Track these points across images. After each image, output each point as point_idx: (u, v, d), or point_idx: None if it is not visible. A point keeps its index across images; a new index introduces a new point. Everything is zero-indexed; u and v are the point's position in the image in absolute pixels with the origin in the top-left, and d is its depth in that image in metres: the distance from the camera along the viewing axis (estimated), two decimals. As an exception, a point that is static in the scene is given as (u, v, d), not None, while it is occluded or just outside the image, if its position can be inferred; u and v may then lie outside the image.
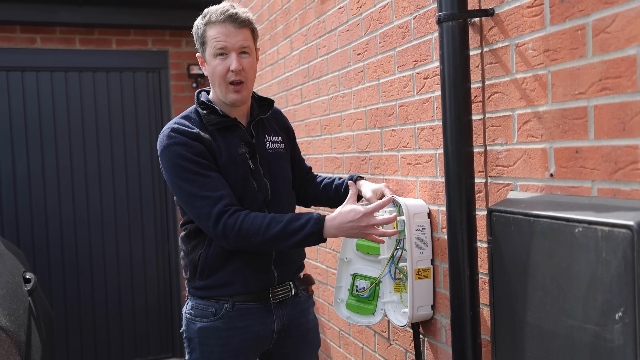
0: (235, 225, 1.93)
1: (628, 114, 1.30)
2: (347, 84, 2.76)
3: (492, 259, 1.65)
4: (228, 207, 1.96)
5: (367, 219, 1.91)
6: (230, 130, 2.12)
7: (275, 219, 1.95)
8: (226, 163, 2.06)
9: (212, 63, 2.07)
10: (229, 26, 2.05)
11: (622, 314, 1.22)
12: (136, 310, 5.22)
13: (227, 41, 2.04)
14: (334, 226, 1.92)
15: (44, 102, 4.94)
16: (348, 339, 2.94)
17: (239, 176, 2.08)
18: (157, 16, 5.04)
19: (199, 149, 2.01)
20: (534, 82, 1.58)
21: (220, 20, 2.05)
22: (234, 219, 1.94)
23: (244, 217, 1.94)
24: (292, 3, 3.42)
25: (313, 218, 1.92)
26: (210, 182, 1.98)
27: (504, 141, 1.72)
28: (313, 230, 1.91)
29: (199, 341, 2.12)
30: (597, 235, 1.28)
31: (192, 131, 2.03)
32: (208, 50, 2.08)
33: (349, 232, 1.93)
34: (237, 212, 1.96)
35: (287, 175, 2.26)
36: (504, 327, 1.62)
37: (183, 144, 2.01)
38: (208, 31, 2.07)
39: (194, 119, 2.10)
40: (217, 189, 1.98)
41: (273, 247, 1.97)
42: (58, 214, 4.98)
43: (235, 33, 2.05)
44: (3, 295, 2.34)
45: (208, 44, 2.07)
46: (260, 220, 1.94)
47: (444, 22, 1.74)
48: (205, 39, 2.08)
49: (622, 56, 1.30)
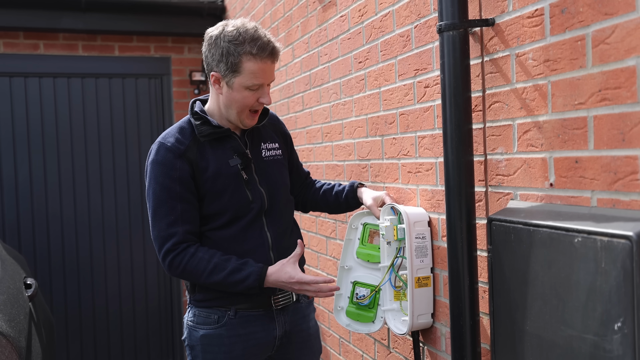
0: (180, 265, 2.02)
1: (627, 125, 1.30)
2: (349, 92, 2.77)
3: (492, 268, 1.65)
4: (177, 245, 2.02)
5: (299, 285, 2.00)
6: (223, 141, 2.12)
7: (219, 266, 2.01)
8: (213, 176, 2.07)
9: (242, 93, 2.02)
10: (269, 62, 2.01)
11: (621, 325, 1.22)
12: (136, 315, 5.21)
13: (265, 78, 2.02)
14: (271, 282, 2.02)
15: (46, 108, 4.96)
16: (348, 346, 2.94)
17: (228, 188, 2.08)
18: (160, 23, 5.06)
19: (178, 173, 2.03)
20: (534, 92, 1.59)
21: (262, 57, 1.98)
22: (180, 258, 2.01)
23: (190, 257, 2.01)
24: (294, 11, 3.44)
25: (254, 273, 2.00)
26: (173, 212, 2.03)
27: (504, 150, 1.72)
28: (254, 285, 2.00)
29: (201, 349, 2.12)
30: (596, 245, 1.28)
31: (180, 148, 2.05)
32: (239, 80, 2.00)
33: (283, 287, 2.04)
34: (184, 251, 2.02)
35: (284, 181, 2.26)
36: (504, 336, 1.62)
37: (164, 164, 2.04)
38: (246, 62, 1.97)
39: (186, 130, 2.11)
40: (175, 224, 2.03)
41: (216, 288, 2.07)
42: (59, 219, 4.99)
43: (272, 68, 2.04)
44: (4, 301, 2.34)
45: (243, 74, 1.99)
46: (204, 265, 2.01)
47: (445, 32, 1.75)
48: (239, 68, 1.98)
49: (622, 67, 1.31)
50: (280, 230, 2.16)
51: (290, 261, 2.03)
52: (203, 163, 2.06)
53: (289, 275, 2.00)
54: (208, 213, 2.09)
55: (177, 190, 2.03)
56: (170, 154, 2.04)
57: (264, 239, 2.12)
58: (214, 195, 2.07)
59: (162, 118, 5.27)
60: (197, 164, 2.06)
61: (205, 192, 2.07)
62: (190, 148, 2.06)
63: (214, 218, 2.09)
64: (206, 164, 2.07)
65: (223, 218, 2.09)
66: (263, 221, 2.13)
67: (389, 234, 2.11)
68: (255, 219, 2.12)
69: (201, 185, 2.06)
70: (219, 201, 2.07)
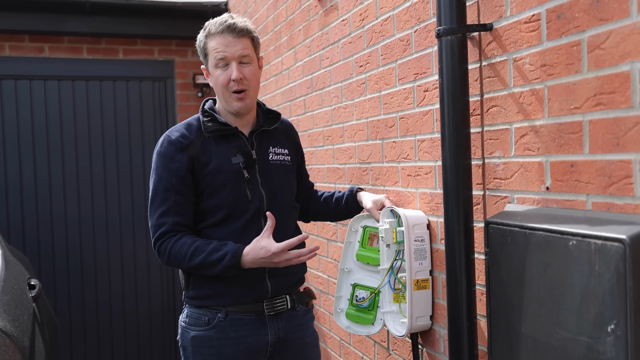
0: (166, 251, 2.08)
1: (622, 129, 1.32)
2: (350, 96, 2.78)
3: (489, 271, 1.66)
4: (165, 234, 2.09)
5: (277, 256, 1.99)
6: (229, 139, 2.16)
7: (199, 248, 2.05)
8: (214, 171, 2.11)
9: (215, 74, 2.13)
10: (228, 36, 2.10)
11: (614, 327, 1.24)
12: (140, 316, 5.24)
13: (226, 51, 2.10)
14: (249, 260, 2.02)
15: (51, 111, 4.99)
16: (348, 348, 2.95)
17: (228, 184, 2.11)
18: (164, 26, 5.09)
19: (177, 165, 2.09)
20: (531, 97, 1.61)
21: (219, 32, 2.11)
22: (165, 245, 2.08)
23: (173, 243, 2.07)
24: (297, 15, 3.46)
25: (230, 252, 2.02)
26: (166, 203, 2.09)
27: (502, 154, 1.74)
28: (230, 264, 2.01)
29: (192, 350, 2.14)
30: (590, 248, 1.30)
31: (183, 142, 2.12)
32: (210, 62, 2.14)
33: (265, 264, 2.04)
34: (170, 238, 2.09)
35: (288, 187, 2.26)
36: (500, 339, 1.63)
37: (165, 156, 2.11)
38: (208, 43, 2.13)
39: (193, 126, 2.17)
40: (167, 214, 2.09)
41: (199, 272, 2.10)
42: (63, 220, 5.02)
43: (234, 43, 2.10)
44: (8, 302, 2.37)
45: (209, 55, 2.13)
46: (186, 249, 2.05)
47: (443, 36, 1.77)
48: (206, 50, 2.14)
49: (616, 72, 1.33)
50: (278, 235, 2.14)
51: (263, 235, 2.02)
52: (205, 158, 2.12)
53: (266, 250, 1.98)
54: (206, 208, 2.12)
55: (173, 182, 2.10)
56: (172, 146, 2.12)
57: None
58: (213, 190, 2.11)
59: (165, 121, 5.30)
60: (199, 159, 2.11)
61: (205, 187, 2.11)
62: (194, 143, 2.13)
63: (211, 213, 2.12)
64: (208, 159, 2.12)
65: (219, 214, 2.11)
66: (261, 223, 2.14)
67: (389, 237, 2.12)
68: (253, 220, 2.14)
69: (201, 180, 2.11)
70: (217, 196, 2.11)
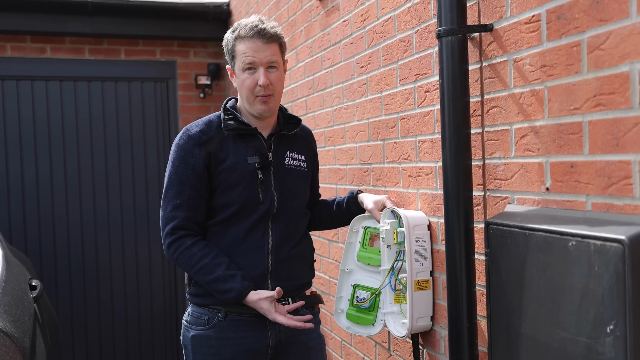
0: (176, 252, 2.11)
1: (621, 130, 1.32)
2: (351, 96, 2.79)
3: (489, 271, 1.67)
4: (175, 230, 2.11)
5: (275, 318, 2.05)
6: (247, 139, 2.17)
7: (206, 268, 2.07)
8: (229, 168, 2.12)
9: (241, 77, 2.12)
10: (258, 41, 2.09)
11: (613, 327, 1.24)
12: (141, 316, 5.24)
13: (255, 56, 2.09)
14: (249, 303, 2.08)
15: (53, 111, 5.00)
16: (350, 349, 2.96)
17: (241, 183, 2.12)
18: (166, 27, 5.10)
19: (195, 160, 2.11)
20: (531, 97, 1.61)
21: (249, 36, 2.08)
22: (175, 246, 2.11)
23: (184, 249, 2.09)
24: (298, 15, 3.46)
25: (235, 289, 2.05)
26: (180, 196, 2.11)
27: (502, 155, 1.74)
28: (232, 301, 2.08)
29: (192, 349, 2.15)
30: (589, 249, 1.30)
31: (202, 137, 2.13)
32: (237, 64, 2.13)
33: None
34: (181, 240, 2.10)
35: (300, 193, 2.27)
36: (500, 339, 1.63)
37: (183, 149, 2.13)
38: (237, 45, 2.11)
39: (214, 123, 2.19)
40: (178, 208, 2.11)
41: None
42: (65, 221, 5.03)
43: (263, 48, 2.09)
44: (9, 302, 2.37)
45: (237, 58, 2.12)
46: (195, 262, 2.08)
47: (444, 37, 1.77)
48: (234, 52, 2.13)
49: (616, 73, 1.33)
50: (284, 238, 2.16)
51: (267, 299, 2.06)
52: (222, 155, 2.13)
53: (264, 312, 2.07)
54: (217, 205, 2.13)
55: (188, 176, 2.11)
56: (191, 141, 2.13)
57: (264, 243, 2.14)
58: (226, 187, 2.12)
59: (167, 121, 5.30)
60: (216, 155, 2.13)
61: (218, 184, 2.12)
62: (213, 140, 2.14)
63: (221, 209, 2.13)
64: (225, 156, 2.13)
65: (228, 211, 2.12)
66: (269, 225, 2.15)
67: (389, 238, 2.12)
68: (261, 220, 2.14)
69: (215, 176, 2.12)
70: (229, 194, 2.12)
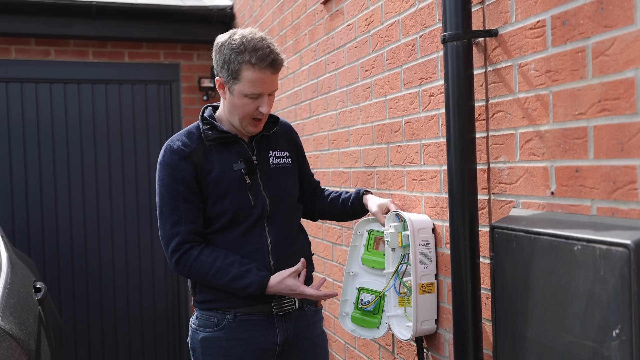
0: (186, 265, 2.10)
1: (626, 135, 1.33)
2: (355, 100, 2.80)
3: (494, 275, 1.67)
4: (180, 245, 2.10)
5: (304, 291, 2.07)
6: (229, 145, 2.17)
7: (221, 270, 2.08)
8: (216, 178, 2.12)
9: (241, 100, 2.06)
10: (268, 72, 2.02)
11: (619, 331, 1.24)
12: (144, 318, 5.25)
13: (263, 88, 2.05)
14: (272, 291, 2.09)
15: (56, 114, 5.01)
16: (353, 352, 2.96)
17: (230, 191, 2.13)
18: (169, 30, 5.12)
19: (183, 174, 2.10)
20: (535, 102, 1.62)
21: (261, 67, 2.01)
22: (184, 260, 2.09)
23: (193, 260, 2.09)
24: (302, 19, 3.48)
25: (255, 282, 2.06)
26: (176, 212, 2.10)
27: (507, 159, 1.75)
28: (256, 294, 2.08)
29: (201, 351, 2.16)
30: (595, 253, 1.31)
31: (185, 150, 2.12)
32: (239, 87, 2.04)
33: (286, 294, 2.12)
34: (188, 252, 2.09)
35: (290, 190, 2.28)
36: (505, 343, 1.64)
37: (169, 165, 2.11)
38: (245, 71, 2.01)
39: (194, 134, 2.17)
40: (178, 224, 2.10)
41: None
42: (68, 223, 5.04)
43: (272, 79, 2.06)
44: (14, 304, 2.38)
45: (242, 82, 2.03)
46: (207, 269, 2.08)
47: (449, 42, 1.78)
48: (238, 76, 2.03)
49: (621, 78, 1.34)
50: (282, 237, 2.18)
51: (291, 275, 2.08)
52: (207, 166, 2.12)
53: (290, 288, 2.07)
54: (211, 215, 2.14)
55: (180, 191, 2.10)
56: (176, 155, 2.12)
57: (263, 244, 2.15)
58: (217, 197, 2.12)
59: (170, 124, 5.32)
60: (202, 167, 2.12)
61: (208, 194, 2.13)
62: (196, 151, 2.13)
63: (215, 220, 2.14)
64: (210, 167, 2.13)
65: (223, 219, 2.13)
66: (265, 227, 2.16)
67: (394, 241, 2.13)
68: (256, 224, 2.15)
69: (205, 187, 2.12)
70: (221, 203, 2.13)
